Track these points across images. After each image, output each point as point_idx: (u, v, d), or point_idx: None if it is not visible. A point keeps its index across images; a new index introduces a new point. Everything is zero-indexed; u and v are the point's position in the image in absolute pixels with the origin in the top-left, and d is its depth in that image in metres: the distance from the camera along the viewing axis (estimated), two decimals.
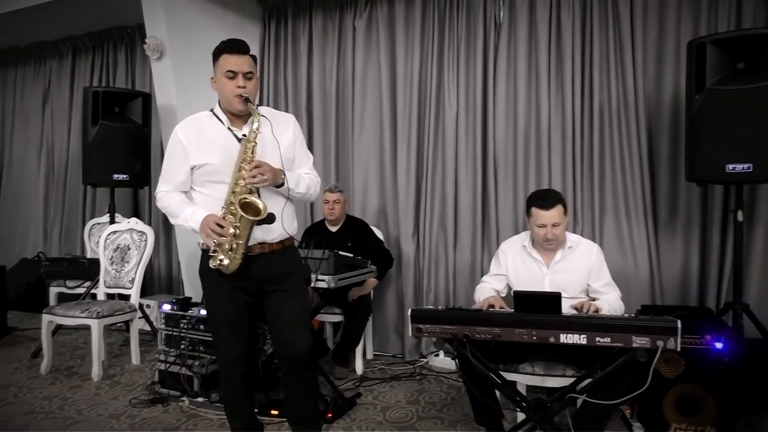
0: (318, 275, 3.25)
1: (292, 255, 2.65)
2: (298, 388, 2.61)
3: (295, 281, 2.59)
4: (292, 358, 2.54)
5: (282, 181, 2.42)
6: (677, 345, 2.17)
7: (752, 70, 2.91)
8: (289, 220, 2.55)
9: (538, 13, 3.99)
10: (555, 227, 2.86)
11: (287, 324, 2.53)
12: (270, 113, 2.56)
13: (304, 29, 4.82)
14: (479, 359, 2.48)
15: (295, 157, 2.60)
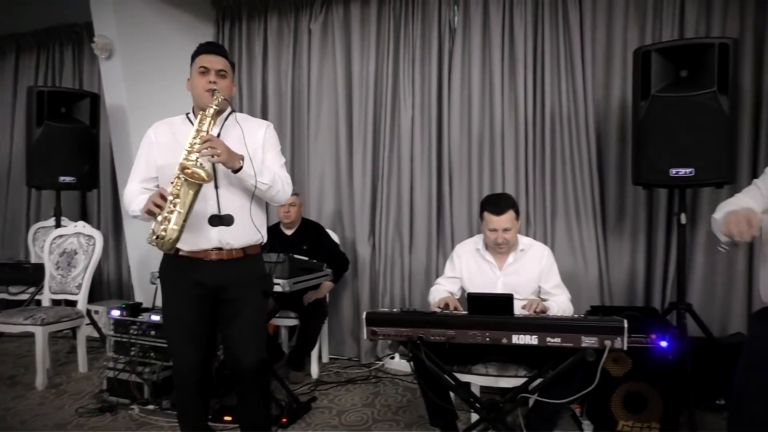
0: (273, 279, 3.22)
1: (255, 265, 2.54)
2: (248, 397, 2.57)
3: (252, 293, 2.50)
4: (241, 372, 2.50)
5: (240, 165, 2.30)
6: (624, 344, 2.23)
7: (694, 78, 3.03)
8: (253, 226, 2.44)
9: (491, 19, 4.06)
10: (506, 232, 2.90)
11: (238, 338, 2.47)
12: (245, 118, 2.55)
13: (258, 31, 4.77)
14: (434, 361, 2.50)
15: (264, 160, 2.50)
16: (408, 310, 2.62)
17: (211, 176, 2.24)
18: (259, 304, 2.56)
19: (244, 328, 2.47)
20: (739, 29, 3.55)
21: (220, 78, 2.40)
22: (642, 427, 2.94)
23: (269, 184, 2.39)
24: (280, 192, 2.48)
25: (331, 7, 4.51)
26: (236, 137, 2.39)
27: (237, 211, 2.39)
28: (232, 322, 2.47)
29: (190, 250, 2.39)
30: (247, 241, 2.46)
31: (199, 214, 2.33)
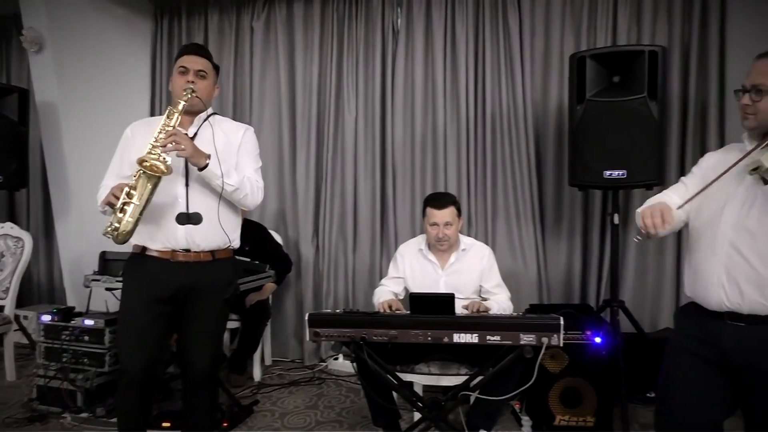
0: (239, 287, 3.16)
1: (221, 270, 2.48)
2: (195, 402, 2.55)
3: (214, 299, 2.46)
4: (191, 376, 2.49)
5: (205, 163, 2.28)
6: (560, 341, 2.30)
7: (626, 84, 3.15)
8: (223, 228, 2.40)
9: (434, 22, 4.11)
10: (447, 227, 2.95)
11: (193, 343, 2.46)
12: (223, 122, 2.55)
13: (199, 28, 4.67)
14: (376, 361, 2.51)
15: (238, 163, 2.48)
16: (351, 311, 2.62)
17: (170, 169, 2.20)
18: (219, 311, 2.54)
19: (200, 333, 2.46)
20: (667, 38, 3.72)
21: (200, 78, 2.40)
22: (578, 421, 3.04)
23: (236, 187, 2.38)
24: (249, 196, 2.46)
25: (274, 5, 4.46)
26: (210, 137, 2.38)
27: (205, 211, 2.37)
28: (190, 325, 2.45)
29: (157, 249, 2.37)
30: (216, 243, 2.43)
31: (167, 212, 2.32)
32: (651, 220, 1.70)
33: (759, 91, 1.69)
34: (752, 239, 1.70)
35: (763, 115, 1.70)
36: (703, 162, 2.00)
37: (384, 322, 2.45)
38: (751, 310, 1.69)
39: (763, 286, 1.68)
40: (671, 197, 1.95)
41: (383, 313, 2.66)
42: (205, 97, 2.43)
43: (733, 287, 1.71)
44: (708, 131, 3.63)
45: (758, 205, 1.71)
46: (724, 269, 1.73)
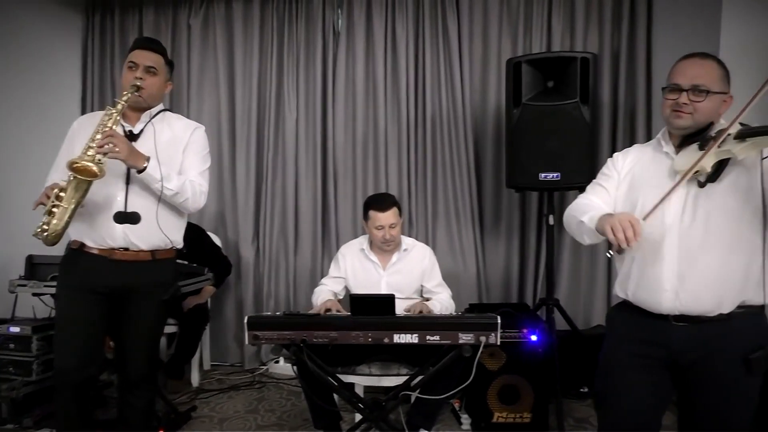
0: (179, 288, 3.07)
1: (162, 271, 2.42)
2: (131, 407, 2.48)
3: (152, 300, 2.40)
4: (127, 380, 2.43)
5: (143, 165, 2.22)
6: (497, 339, 2.36)
7: (559, 89, 3.25)
8: (162, 228, 2.34)
9: (374, 24, 4.13)
10: (392, 228, 2.98)
11: (129, 345, 2.40)
12: (171, 119, 2.48)
13: (133, 24, 4.51)
14: (317, 363, 2.50)
15: (183, 163, 2.42)
16: (291, 313, 2.60)
17: (103, 172, 2.12)
18: (157, 313, 2.47)
19: (138, 335, 2.40)
20: (598, 45, 3.87)
21: (149, 74, 2.33)
22: (515, 418, 3.11)
23: (175, 191, 2.33)
24: (189, 200, 2.40)
25: (212, 3, 4.37)
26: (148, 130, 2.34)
27: (144, 210, 2.31)
28: (128, 327, 2.39)
29: (95, 246, 2.30)
30: (155, 244, 2.37)
31: (105, 209, 2.27)
32: (623, 234, 1.63)
33: (700, 91, 1.72)
34: (700, 245, 1.73)
35: (700, 114, 1.73)
36: (617, 163, 2.00)
37: (324, 324, 2.44)
38: (702, 312, 1.72)
39: (716, 290, 1.71)
40: (595, 201, 1.96)
41: (324, 314, 2.66)
42: (152, 94, 2.36)
43: (685, 292, 1.73)
44: (636, 134, 3.79)
45: (701, 208, 1.74)
46: (675, 275, 1.74)
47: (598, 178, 2.04)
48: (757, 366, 1.70)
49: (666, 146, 1.86)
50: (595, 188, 2.01)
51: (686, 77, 1.75)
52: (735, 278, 1.72)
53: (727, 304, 1.72)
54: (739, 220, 1.72)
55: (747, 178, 1.71)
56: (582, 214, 1.89)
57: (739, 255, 1.72)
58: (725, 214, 1.72)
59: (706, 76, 1.74)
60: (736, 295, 1.72)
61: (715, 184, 1.72)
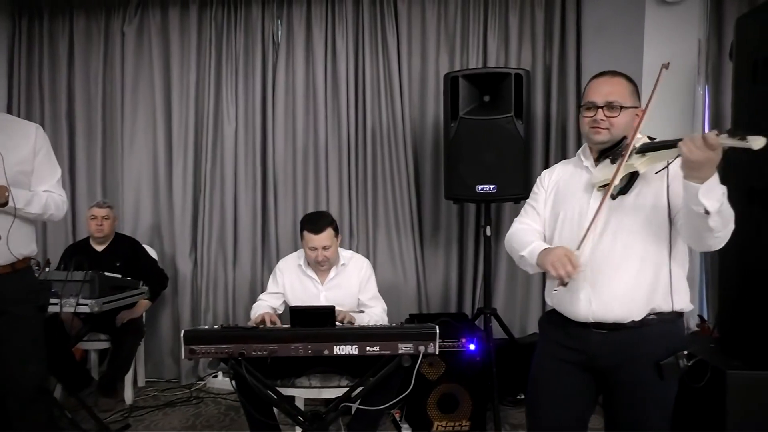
0: (79, 299, 2.98)
1: (25, 279, 2.38)
2: (26, 422, 2.36)
3: (24, 308, 2.33)
4: (18, 394, 2.32)
5: (5, 199, 2.16)
6: (436, 349, 2.38)
7: (495, 103, 3.35)
8: (20, 242, 2.29)
9: (314, 36, 4.13)
10: (325, 250, 2.97)
11: (12, 357, 2.29)
12: (5, 121, 2.34)
13: (63, 30, 4.35)
14: (256, 377, 2.46)
15: (34, 171, 2.34)
16: (229, 326, 2.56)
17: None
18: (33, 319, 2.40)
19: (21, 346, 2.31)
20: (531, 61, 4.01)
21: None
22: (454, 426, 3.16)
23: (39, 213, 2.32)
24: (54, 215, 2.40)
25: (147, 10, 4.26)
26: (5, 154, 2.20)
27: (3, 226, 2.23)
28: (6, 341, 2.28)
29: None
30: (15, 256, 2.29)
31: None
32: (564, 270, 1.72)
33: (613, 107, 1.82)
34: (611, 256, 1.82)
35: (616, 129, 1.83)
36: (543, 181, 2.10)
37: (263, 337, 2.41)
38: (615, 320, 1.82)
39: (626, 299, 1.80)
40: (531, 225, 2.06)
41: (263, 327, 2.63)
42: None
43: (599, 303, 1.82)
44: (568, 147, 3.94)
45: (612, 220, 1.83)
46: (589, 285, 1.83)
47: (530, 198, 2.14)
48: (668, 371, 1.79)
49: (586, 161, 1.96)
50: (528, 210, 2.11)
51: (600, 95, 1.85)
52: (644, 287, 1.81)
53: (638, 312, 1.81)
54: (647, 231, 1.81)
55: (654, 190, 1.81)
56: (522, 247, 1.97)
57: (648, 265, 1.81)
58: (634, 225, 1.81)
59: (617, 92, 1.85)
60: (645, 303, 1.81)
61: (626, 197, 1.82)
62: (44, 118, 4.32)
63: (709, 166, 1.52)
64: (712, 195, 1.55)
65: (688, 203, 1.61)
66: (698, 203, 1.55)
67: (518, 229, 2.08)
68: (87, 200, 4.25)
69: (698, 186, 1.54)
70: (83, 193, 4.35)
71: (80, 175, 4.37)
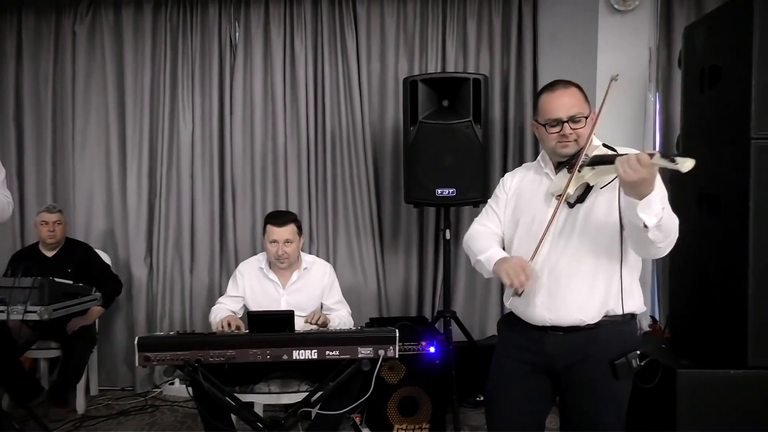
0: (27, 306, 2.88)
1: None
2: None
3: None
4: None
5: None
6: (395, 352, 2.39)
7: (454, 108, 3.37)
8: None
9: (272, 39, 4.09)
10: (287, 245, 2.96)
11: None
12: None
13: (11, 28, 4.19)
14: (213, 383, 2.42)
15: None
16: (185, 333, 2.51)
17: None
18: None
19: None
20: (489, 67, 4.06)
21: None
22: (414, 429, 3.17)
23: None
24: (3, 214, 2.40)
25: (100, 10, 4.14)
26: None
27: None
28: None
29: None
30: None
31: None
32: (518, 280, 1.75)
33: (577, 119, 1.85)
34: (567, 263, 1.86)
35: (582, 138, 1.85)
36: (505, 184, 2.14)
37: (220, 343, 2.37)
38: (570, 323, 1.86)
39: (580, 304, 1.85)
40: (490, 227, 2.09)
41: (220, 333, 2.59)
42: None
43: (554, 308, 1.87)
44: (525, 152, 4.00)
45: (567, 227, 1.88)
46: (546, 292, 1.88)
47: (491, 200, 2.17)
48: (621, 371, 1.84)
49: (545, 167, 2.00)
50: (488, 212, 2.14)
51: (562, 109, 1.86)
52: (598, 293, 1.86)
53: (592, 316, 1.86)
54: (600, 239, 1.85)
55: (608, 200, 1.84)
56: (479, 252, 2.00)
57: (601, 271, 1.86)
58: (588, 232, 1.85)
59: (577, 104, 1.88)
60: (599, 307, 1.86)
61: (582, 205, 1.86)
62: None
63: (644, 184, 1.58)
64: (650, 211, 1.60)
65: (628, 216, 1.68)
66: (637, 218, 1.61)
67: (477, 231, 2.11)
68: (36, 204, 4.11)
69: (636, 202, 1.60)
70: (32, 196, 4.21)
71: (29, 179, 4.22)
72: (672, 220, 1.68)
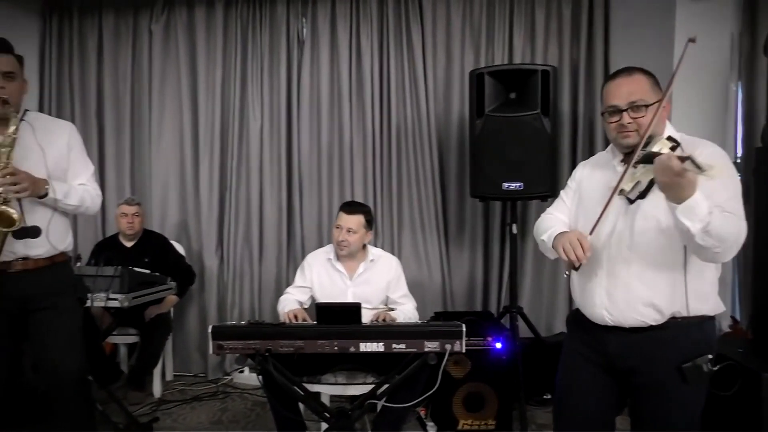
0: (109, 294, 3.03)
1: (63, 272, 2.44)
2: (67, 413, 2.39)
3: (65, 300, 2.38)
4: (60, 384, 2.35)
5: (45, 191, 2.22)
6: (462, 347, 2.38)
7: (521, 100, 3.32)
8: (59, 235, 2.36)
9: (339, 35, 4.13)
10: (349, 233, 3.00)
11: (53, 345, 2.33)
12: (41, 119, 2.39)
13: (93, 28, 4.42)
14: (282, 373, 2.48)
15: (70, 167, 2.40)
16: (256, 322, 2.58)
17: (21, 218, 2.13)
18: (73, 311, 2.45)
19: (59, 335, 2.34)
20: (558, 58, 3.96)
21: (8, 80, 2.21)
22: (480, 425, 3.15)
23: (77, 205, 2.36)
24: (90, 208, 2.46)
25: (174, 9, 4.31)
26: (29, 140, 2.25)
27: (43, 222, 2.29)
28: (45, 330, 2.33)
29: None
30: (55, 250, 2.35)
31: None
32: (574, 254, 1.72)
33: (638, 107, 1.76)
34: (627, 262, 1.79)
35: (644, 129, 1.75)
36: (576, 174, 2.11)
37: (290, 333, 2.43)
38: (632, 324, 1.79)
39: (642, 305, 1.77)
40: (557, 216, 2.05)
41: (289, 324, 2.64)
42: (16, 101, 2.25)
43: (614, 309, 1.80)
44: (596, 145, 3.88)
45: (628, 225, 1.80)
46: (605, 292, 1.82)
47: (563, 189, 2.14)
48: (690, 376, 1.75)
49: (614, 159, 1.93)
50: (558, 201, 2.12)
51: (621, 97, 1.79)
52: (660, 293, 1.77)
53: (655, 317, 1.77)
54: (661, 237, 1.75)
55: None
56: (542, 232, 1.99)
57: (663, 270, 1.77)
58: (650, 230, 1.77)
59: (639, 90, 1.79)
60: (663, 308, 1.77)
61: (643, 201, 1.77)
62: (74, 116, 4.40)
63: (679, 188, 1.51)
64: (693, 216, 1.53)
65: (674, 220, 1.60)
66: (680, 222, 1.54)
67: (543, 218, 2.11)
68: (116, 196, 4.31)
69: (675, 206, 1.54)
70: (112, 189, 4.42)
71: (109, 172, 4.43)
72: (726, 226, 1.57)
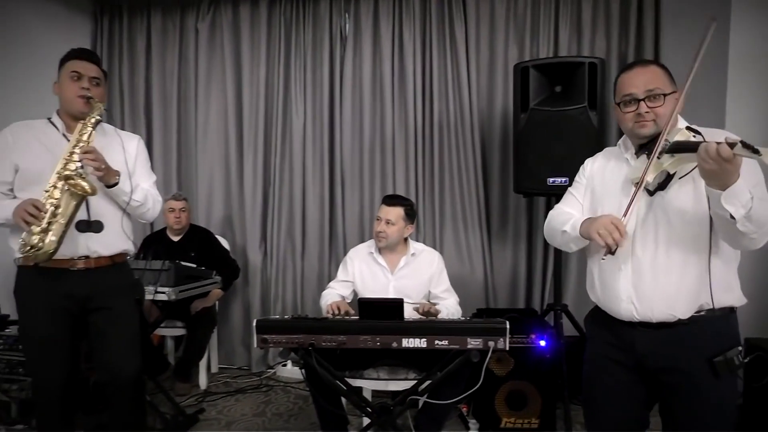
0: (157, 287, 3.11)
1: (123, 273, 2.51)
2: (123, 415, 2.47)
3: (124, 301, 2.45)
4: (118, 385, 2.41)
5: (115, 181, 2.30)
6: (506, 345, 2.35)
7: (567, 94, 3.24)
8: (124, 235, 2.43)
9: (381, 29, 4.14)
10: (388, 224, 3.01)
11: (113, 348, 2.39)
12: (115, 131, 2.51)
13: (141, 28, 4.54)
14: (325, 367, 2.50)
15: (135, 171, 2.48)
16: (299, 317, 2.61)
17: (95, 189, 2.19)
18: (132, 313, 2.51)
19: (118, 338, 2.40)
20: (605, 50, 3.87)
21: (94, 86, 2.33)
22: (523, 423, 3.11)
23: (141, 202, 2.42)
24: (150, 210, 2.52)
25: (219, 7, 4.39)
26: (110, 149, 2.35)
27: (108, 218, 2.36)
28: (105, 332, 2.38)
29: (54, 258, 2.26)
30: (116, 249, 2.42)
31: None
32: (611, 238, 1.67)
33: (655, 96, 1.73)
34: (652, 254, 1.75)
35: (662, 119, 1.73)
36: (585, 169, 2.06)
37: (333, 328, 2.44)
38: (660, 319, 1.74)
39: (669, 298, 1.72)
40: (569, 212, 2.00)
41: (332, 318, 2.66)
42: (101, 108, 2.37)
43: (642, 302, 1.75)
44: None
45: (651, 217, 1.76)
46: (631, 285, 1.77)
47: (572, 186, 2.09)
48: (722, 369, 1.70)
49: (626, 153, 1.88)
50: (568, 198, 2.08)
51: (638, 86, 1.76)
52: (687, 286, 1.72)
53: (683, 311, 1.73)
54: (687, 228, 1.71)
55: (693, 187, 1.71)
56: (562, 224, 1.95)
57: (689, 262, 1.72)
58: (673, 222, 1.73)
59: (656, 80, 1.75)
60: (690, 302, 1.73)
61: (664, 193, 1.73)
62: (123, 113, 4.53)
63: (725, 175, 1.46)
64: (736, 201, 1.49)
65: (714, 208, 1.56)
66: (722, 209, 1.50)
67: (556, 212, 2.07)
68: (163, 192, 4.33)
69: (720, 192, 1.49)
70: (160, 185, 4.44)
71: (157, 167, 4.53)
72: (762, 210, 1.53)
